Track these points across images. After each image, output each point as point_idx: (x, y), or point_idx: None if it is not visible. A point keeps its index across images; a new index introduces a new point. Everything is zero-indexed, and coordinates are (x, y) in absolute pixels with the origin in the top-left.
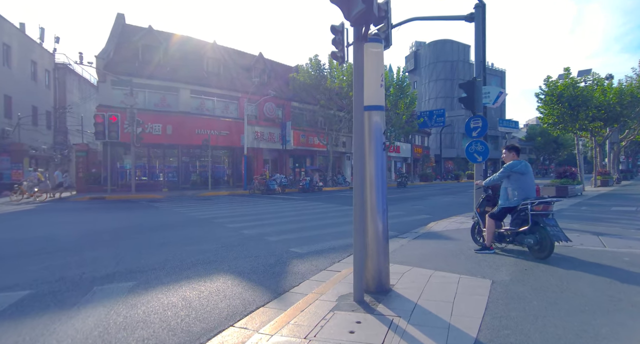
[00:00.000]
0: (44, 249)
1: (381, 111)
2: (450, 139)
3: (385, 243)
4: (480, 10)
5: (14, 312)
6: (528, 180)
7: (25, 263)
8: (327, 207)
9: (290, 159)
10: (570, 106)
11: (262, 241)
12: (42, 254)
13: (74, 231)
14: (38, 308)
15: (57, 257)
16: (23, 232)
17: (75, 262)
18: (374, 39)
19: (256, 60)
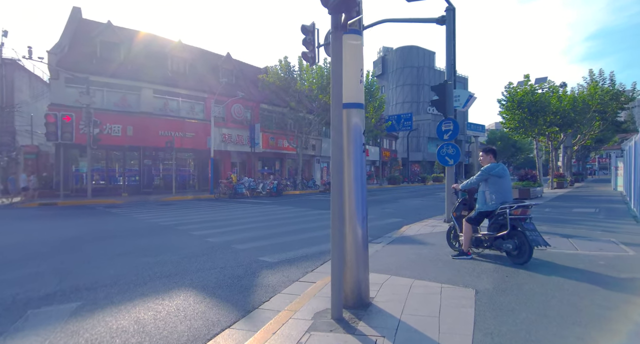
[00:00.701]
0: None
1: (361, 109)
2: (417, 143)
3: (365, 252)
4: (451, 14)
5: None
6: (505, 183)
7: None
8: (298, 211)
9: (259, 162)
10: (530, 111)
11: (229, 250)
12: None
13: (12, 242)
14: None
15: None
16: None
17: (8, 280)
18: (352, 31)
19: (224, 60)
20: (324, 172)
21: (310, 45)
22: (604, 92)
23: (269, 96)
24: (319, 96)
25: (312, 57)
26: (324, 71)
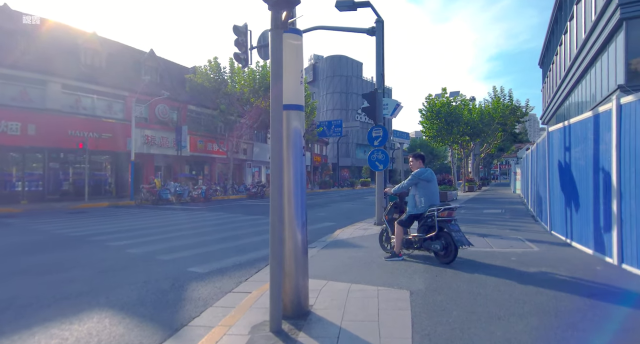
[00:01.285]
0: None
1: (301, 111)
2: (346, 149)
3: (305, 258)
4: (380, 26)
5: None
6: (433, 187)
7: None
8: (229, 217)
9: (187, 166)
10: (446, 121)
11: (152, 262)
12: None
13: None
14: None
15: None
16: None
17: None
18: (293, 30)
19: (147, 57)
20: (256, 177)
21: (242, 47)
22: (505, 107)
23: (198, 97)
24: (251, 100)
25: (245, 58)
26: (257, 74)
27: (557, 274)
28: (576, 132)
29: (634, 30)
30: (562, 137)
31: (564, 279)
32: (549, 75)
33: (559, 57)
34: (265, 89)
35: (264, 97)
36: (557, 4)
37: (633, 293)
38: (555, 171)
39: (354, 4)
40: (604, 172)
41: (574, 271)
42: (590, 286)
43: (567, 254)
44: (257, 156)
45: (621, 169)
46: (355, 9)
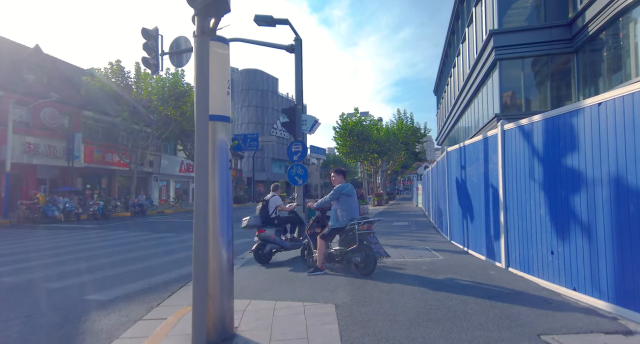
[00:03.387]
0: None
1: (227, 122)
2: (262, 163)
3: (230, 278)
4: (299, 44)
5: None
6: (353, 202)
7: None
8: (134, 236)
9: (80, 179)
10: (359, 139)
11: (39, 290)
12: None
13: None
14: None
15: None
16: None
17: None
18: (220, 38)
19: (30, 53)
20: (163, 191)
21: (152, 52)
22: (407, 128)
23: (95, 103)
24: (159, 108)
25: (155, 64)
26: (166, 82)
27: (461, 279)
28: (470, 152)
29: (506, 69)
30: (459, 157)
31: (467, 283)
32: (442, 102)
33: (449, 87)
34: (175, 98)
35: (174, 107)
36: (447, 41)
37: (522, 293)
38: (453, 186)
39: (272, 20)
40: (492, 188)
41: (474, 276)
42: (488, 289)
43: (466, 261)
44: (165, 169)
45: (506, 185)
46: (274, 25)
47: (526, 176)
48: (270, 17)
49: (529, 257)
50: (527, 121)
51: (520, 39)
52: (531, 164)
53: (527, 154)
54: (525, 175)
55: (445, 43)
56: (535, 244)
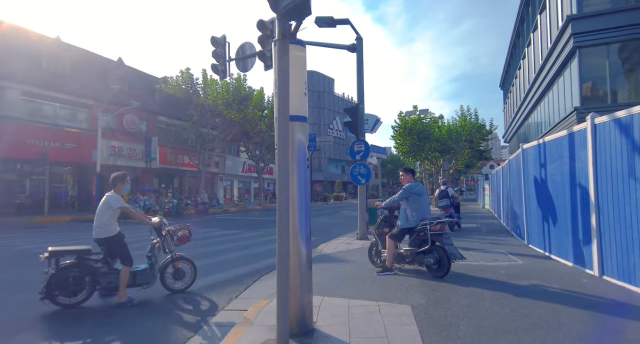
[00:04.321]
0: None
1: (305, 122)
2: (319, 163)
3: (309, 273)
4: (360, 42)
5: None
6: (424, 201)
7: None
8: (204, 232)
9: (156, 179)
10: (419, 138)
11: None
12: None
13: None
14: None
15: None
16: None
17: None
18: (298, 41)
19: (115, 65)
20: (228, 191)
21: (220, 58)
22: (471, 125)
23: (168, 108)
24: (224, 112)
25: (223, 70)
26: (230, 87)
27: (548, 286)
28: (551, 149)
29: (586, 57)
30: (537, 154)
31: (556, 291)
32: (509, 97)
33: (518, 80)
34: (238, 102)
35: (237, 110)
36: (515, 31)
37: (625, 304)
38: (531, 186)
39: (333, 21)
40: (580, 188)
41: (563, 284)
42: (582, 298)
43: (549, 266)
44: (229, 169)
45: (598, 184)
46: (335, 26)
47: (625, 174)
48: (331, 18)
49: (631, 265)
50: (624, 112)
51: (604, 23)
52: (631, 161)
53: (625, 150)
54: (624, 173)
55: (513, 33)
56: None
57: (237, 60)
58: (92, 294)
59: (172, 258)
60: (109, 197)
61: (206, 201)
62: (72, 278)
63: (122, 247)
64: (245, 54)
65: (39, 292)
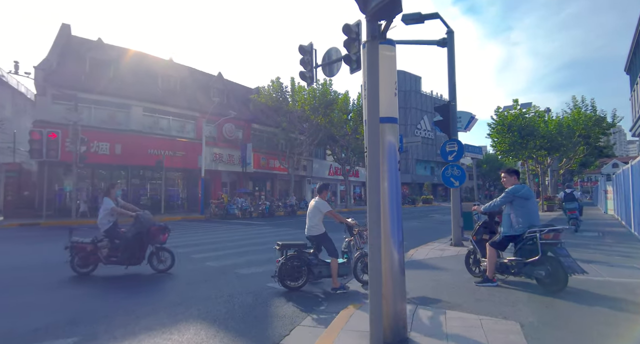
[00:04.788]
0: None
1: (395, 124)
2: (406, 165)
3: (402, 280)
4: (452, 36)
5: None
6: (532, 206)
7: None
8: (296, 233)
9: (250, 182)
10: (521, 135)
11: (232, 275)
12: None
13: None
14: None
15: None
16: None
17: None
18: (388, 41)
19: (215, 80)
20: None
21: (308, 65)
22: (587, 118)
23: (260, 116)
24: (311, 117)
25: (311, 76)
26: (316, 92)
27: None
28: None
29: None
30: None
31: None
32: (638, 82)
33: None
34: (324, 106)
35: (323, 115)
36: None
37: None
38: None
39: (421, 17)
40: None
41: None
42: None
43: None
44: (317, 172)
45: None
46: (423, 22)
47: None
48: (419, 14)
49: None
50: None
51: None
52: None
53: None
54: None
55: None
56: None
57: (323, 66)
58: (308, 281)
59: (361, 254)
60: (318, 203)
61: (294, 203)
62: (295, 267)
63: (329, 242)
64: (331, 59)
65: (271, 276)
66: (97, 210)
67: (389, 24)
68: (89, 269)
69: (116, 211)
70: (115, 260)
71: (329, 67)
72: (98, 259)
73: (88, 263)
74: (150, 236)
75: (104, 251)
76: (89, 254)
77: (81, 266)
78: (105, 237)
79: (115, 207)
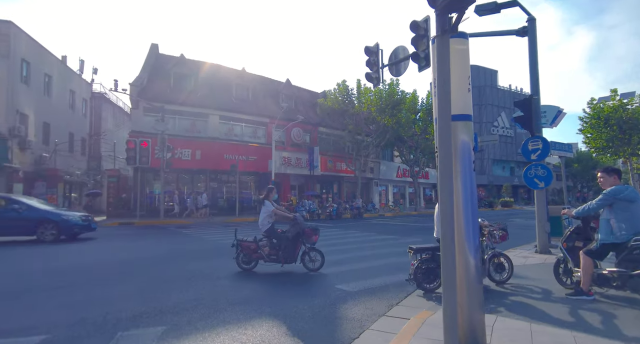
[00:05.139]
0: (64, 281)
1: (469, 121)
2: (481, 165)
3: (480, 288)
4: (533, 24)
5: None
6: (637, 210)
7: (45, 299)
8: (364, 236)
9: (318, 185)
10: (621, 129)
11: (302, 275)
12: (64, 288)
13: (99, 260)
14: None
15: (79, 291)
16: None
17: (98, 298)
18: (459, 34)
19: (284, 86)
20: (383, 196)
21: (374, 66)
22: None
23: (327, 119)
24: (377, 118)
25: (377, 77)
26: (383, 93)
27: None
28: None
29: None
30: None
31: None
32: None
33: None
34: (391, 107)
35: (390, 115)
36: None
37: None
38: None
39: (497, 6)
40: None
41: None
42: None
43: None
44: (384, 174)
45: None
46: (499, 11)
47: None
48: (494, 3)
49: None
50: None
51: None
52: None
53: None
54: None
55: None
56: None
57: (390, 66)
58: None
59: (493, 254)
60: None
61: (360, 205)
62: (430, 269)
63: None
64: (398, 58)
65: (405, 279)
66: (185, 211)
67: (461, 16)
68: (251, 266)
69: (276, 213)
70: (275, 258)
71: (395, 67)
72: (260, 257)
73: (251, 260)
74: (305, 237)
75: (265, 249)
76: (252, 251)
77: (245, 263)
78: (265, 237)
79: (275, 210)
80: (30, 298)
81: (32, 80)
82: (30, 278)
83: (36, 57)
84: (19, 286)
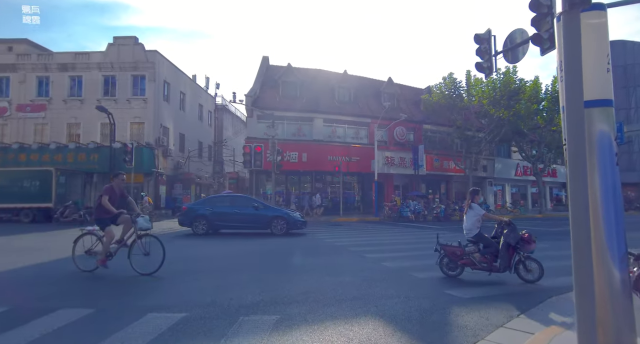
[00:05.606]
0: (195, 268)
1: (609, 107)
2: (629, 160)
3: (628, 304)
4: None
5: (168, 339)
6: None
7: (181, 282)
8: None
9: (423, 185)
10: None
11: (407, 277)
12: (196, 274)
13: (222, 252)
14: (189, 336)
15: (208, 278)
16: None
17: (224, 285)
18: (594, 6)
19: (385, 85)
20: (499, 196)
21: (485, 55)
22: None
23: (432, 116)
24: (491, 111)
25: (489, 66)
26: (497, 83)
27: None
28: None
29: None
30: None
31: None
32: None
33: None
34: (508, 97)
35: (506, 107)
36: None
37: None
38: None
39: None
40: None
41: None
42: None
43: None
44: (500, 173)
45: None
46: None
47: None
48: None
49: None
50: None
51: None
52: None
53: None
54: None
55: None
56: None
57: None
58: None
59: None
60: None
61: None
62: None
63: None
64: (514, 42)
65: None
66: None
67: None
68: (457, 272)
69: (488, 217)
70: (485, 266)
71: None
72: (467, 263)
73: (457, 266)
74: (521, 244)
75: (476, 255)
76: (457, 257)
77: (451, 269)
78: (472, 242)
79: (487, 213)
80: (168, 280)
81: (171, 98)
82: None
83: (174, 78)
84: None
